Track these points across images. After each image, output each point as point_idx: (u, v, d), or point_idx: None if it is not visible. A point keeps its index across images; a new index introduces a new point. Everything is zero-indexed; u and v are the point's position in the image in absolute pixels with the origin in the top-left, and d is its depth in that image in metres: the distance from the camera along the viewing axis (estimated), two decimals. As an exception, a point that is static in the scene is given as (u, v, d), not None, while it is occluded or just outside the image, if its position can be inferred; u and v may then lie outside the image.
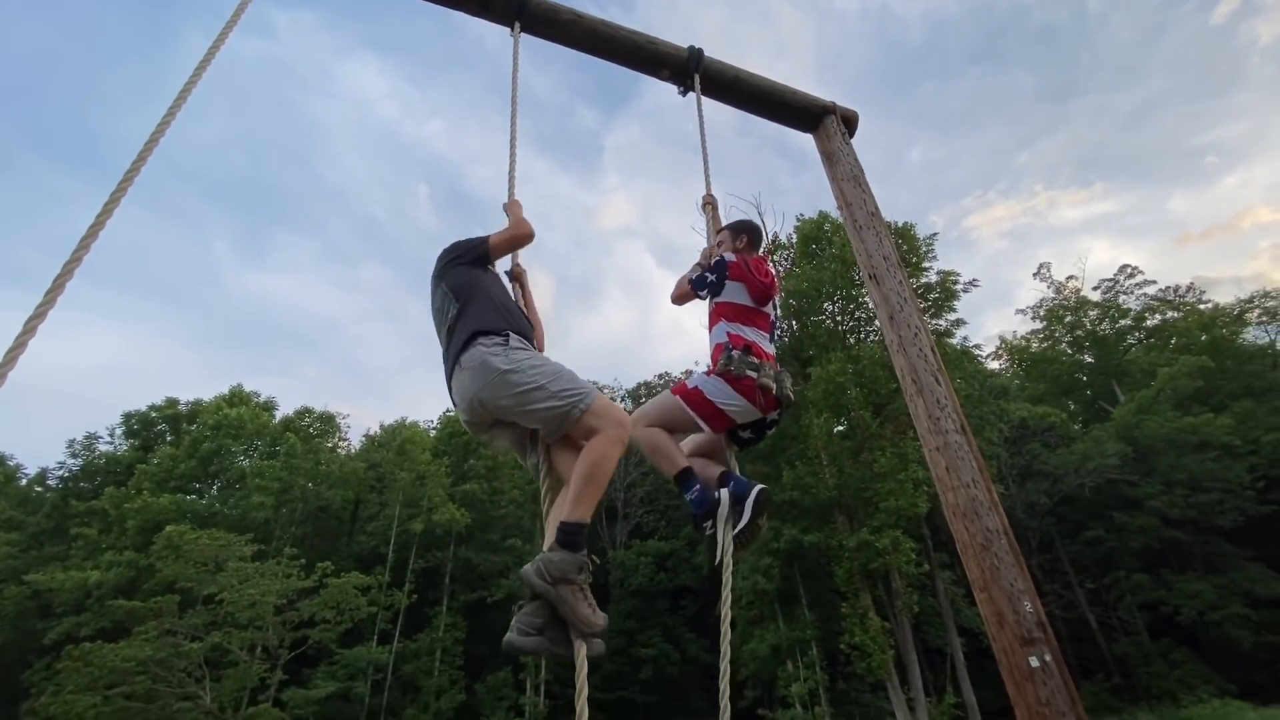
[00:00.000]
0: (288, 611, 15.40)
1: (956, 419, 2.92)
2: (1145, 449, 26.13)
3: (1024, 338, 39.04)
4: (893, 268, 3.41)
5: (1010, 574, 2.57)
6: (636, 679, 25.04)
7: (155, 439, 31.21)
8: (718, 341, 2.83)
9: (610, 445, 2.07)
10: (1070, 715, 2.33)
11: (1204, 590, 22.40)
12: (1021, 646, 2.45)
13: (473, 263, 2.55)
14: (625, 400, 46.52)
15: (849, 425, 21.60)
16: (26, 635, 22.59)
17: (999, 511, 2.73)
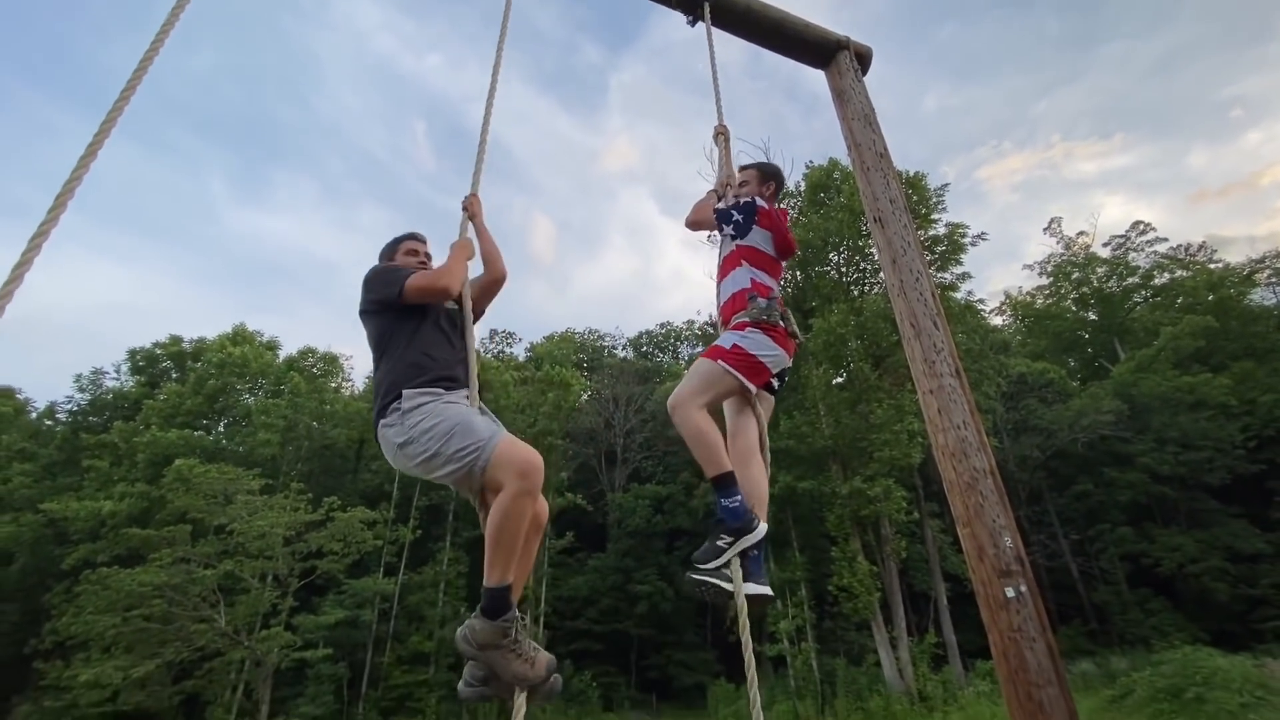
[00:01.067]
0: (296, 543, 15.96)
1: (952, 363, 2.96)
2: (1141, 407, 26.37)
3: (1029, 294, 38.81)
4: (899, 211, 3.38)
5: (994, 511, 2.66)
6: (632, 613, 26.10)
7: (161, 376, 31.53)
8: (740, 287, 2.66)
9: (512, 501, 1.93)
10: (1040, 641, 2.46)
11: (1185, 544, 23.05)
12: (999, 578, 2.56)
13: (383, 308, 2.33)
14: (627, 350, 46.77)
15: (848, 377, 21.76)
16: (45, 560, 23.46)
17: (987, 452, 2.80)
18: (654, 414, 34.02)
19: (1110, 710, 12.79)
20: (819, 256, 22.42)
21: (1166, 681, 12.55)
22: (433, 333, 2.32)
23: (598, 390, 36.88)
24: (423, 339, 2.28)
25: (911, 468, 19.65)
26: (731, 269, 2.74)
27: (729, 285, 2.73)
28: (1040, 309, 37.20)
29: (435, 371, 2.19)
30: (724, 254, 2.82)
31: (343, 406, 29.33)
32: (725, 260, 2.80)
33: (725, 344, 2.54)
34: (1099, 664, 17.60)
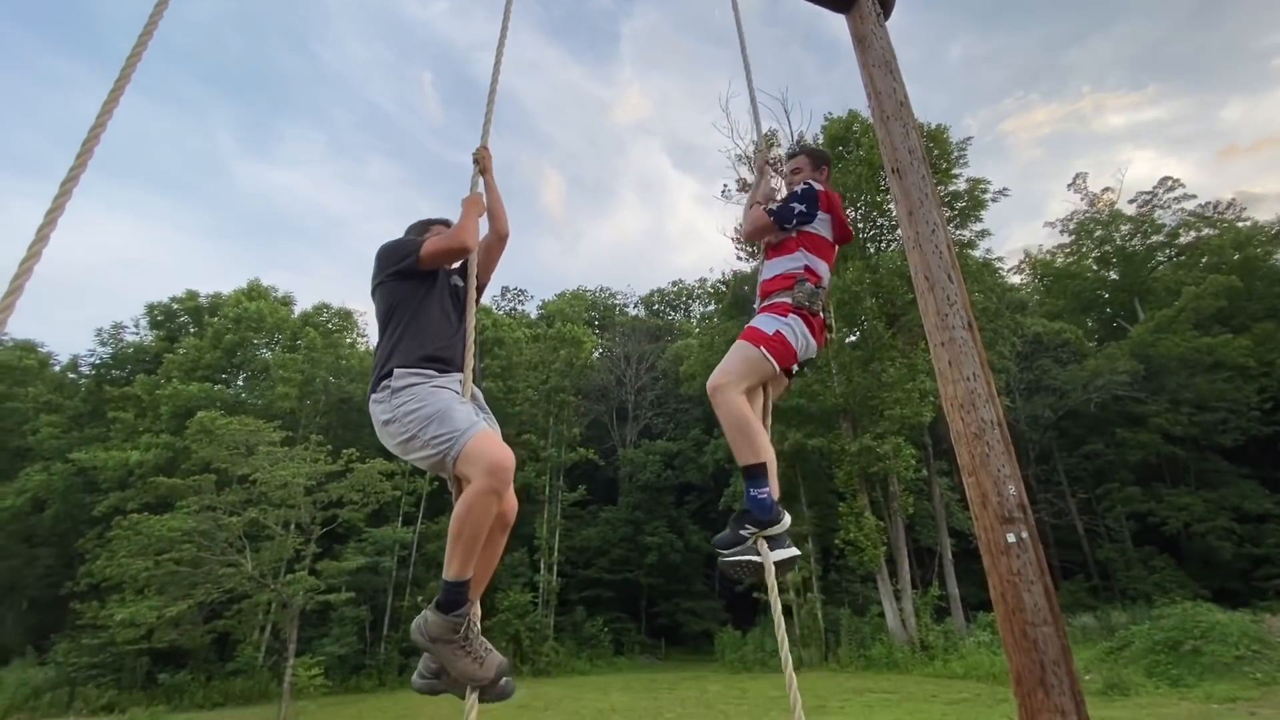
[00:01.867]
0: (317, 492, 16.44)
1: (964, 315, 2.96)
2: (1157, 367, 26.13)
3: (1049, 252, 38.01)
4: (917, 162, 3.33)
5: (999, 460, 2.71)
6: (643, 563, 26.86)
7: (179, 330, 32.03)
8: (790, 270, 2.59)
9: (477, 497, 1.91)
10: (1038, 584, 2.54)
11: (1193, 504, 23.16)
12: (1001, 524, 2.63)
13: (398, 277, 2.34)
14: (639, 308, 46.65)
15: (861, 335, 21.66)
16: (76, 508, 24.44)
17: (995, 405, 2.84)
18: (665, 372, 34.19)
19: (1107, 661, 13.12)
20: (835, 212, 22.05)
21: (1165, 635, 12.81)
22: (436, 310, 2.32)
23: (609, 348, 37.02)
24: (425, 315, 2.29)
25: (922, 426, 19.74)
26: (784, 252, 2.67)
27: (781, 264, 2.65)
28: (1060, 268, 36.47)
29: (431, 350, 2.20)
30: (779, 240, 2.73)
31: (358, 361, 29.72)
32: (779, 244, 2.71)
33: (767, 329, 2.49)
34: (1099, 618, 17.96)
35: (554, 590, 24.82)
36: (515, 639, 21.84)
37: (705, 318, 39.77)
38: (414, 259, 2.33)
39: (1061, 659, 2.45)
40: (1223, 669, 11.36)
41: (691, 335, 35.45)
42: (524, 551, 25.72)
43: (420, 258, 2.32)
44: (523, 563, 25.29)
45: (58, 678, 18.75)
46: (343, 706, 16.17)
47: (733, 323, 24.26)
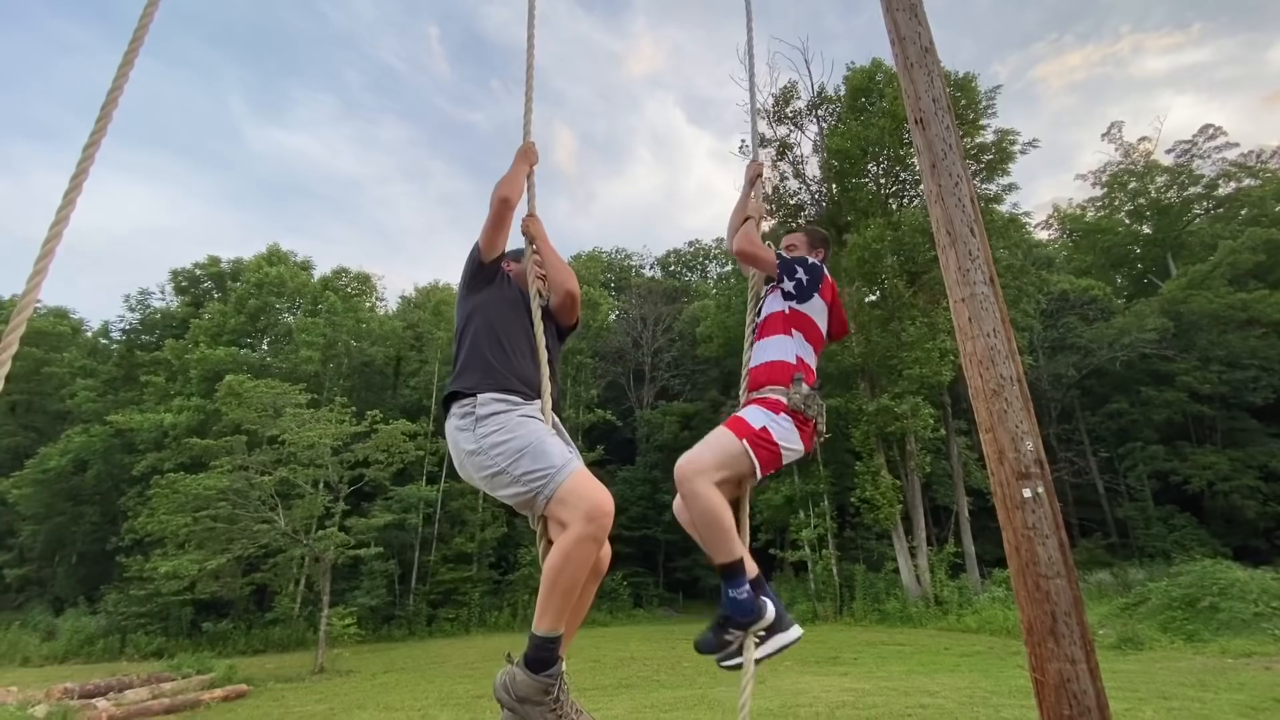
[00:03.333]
0: (344, 452, 16.90)
1: (986, 270, 2.92)
2: (1188, 325, 25.47)
3: (1079, 206, 36.77)
4: (941, 111, 3.23)
5: (1017, 417, 2.71)
6: (660, 521, 27.40)
7: (203, 296, 32.59)
8: (783, 359, 2.38)
9: (575, 545, 1.76)
10: (1053, 538, 2.57)
11: (1218, 462, 22.87)
12: (1017, 480, 2.64)
13: (473, 285, 2.26)
14: (655, 269, 46.25)
15: (881, 294, 21.35)
16: (117, 468, 25.44)
17: (1015, 360, 2.82)
18: (681, 333, 34.14)
19: (1121, 616, 13.22)
20: (857, 168, 21.45)
21: (1182, 591, 12.83)
22: (519, 327, 2.20)
23: (625, 310, 36.96)
24: (508, 332, 2.16)
25: (941, 385, 19.58)
26: (777, 332, 2.44)
27: (771, 349, 2.42)
28: (1090, 222, 35.30)
29: (514, 373, 2.07)
30: (769, 309, 2.50)
31: (378, 325, 30.09)
32: (771, 319, 2.48)
33: (754, 422, 2.25)
34: (1115, 575, 18.02)
35: (572, 544, 25.46)
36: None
37: (722, 278, 39.37)
38: (478, 255, 2.24)
39: (1073, 610, 2.49)
40: (1240, 625, 11.38)
41: (708, 296, 35.20)
42: (545, 509, 26.36)
43: (481, 247, 2.23)
44: (543, 520, 25.96)
45: (109, 626, 19.87)
46: (375, 654, 16.98)
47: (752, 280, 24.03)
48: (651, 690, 9.22)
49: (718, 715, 7.00)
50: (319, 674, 13.35)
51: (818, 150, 22.92)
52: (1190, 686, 7.43)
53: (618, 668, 11.81)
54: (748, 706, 2.08)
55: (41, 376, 29.05)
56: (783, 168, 23.28)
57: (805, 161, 23.14)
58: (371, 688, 11.04)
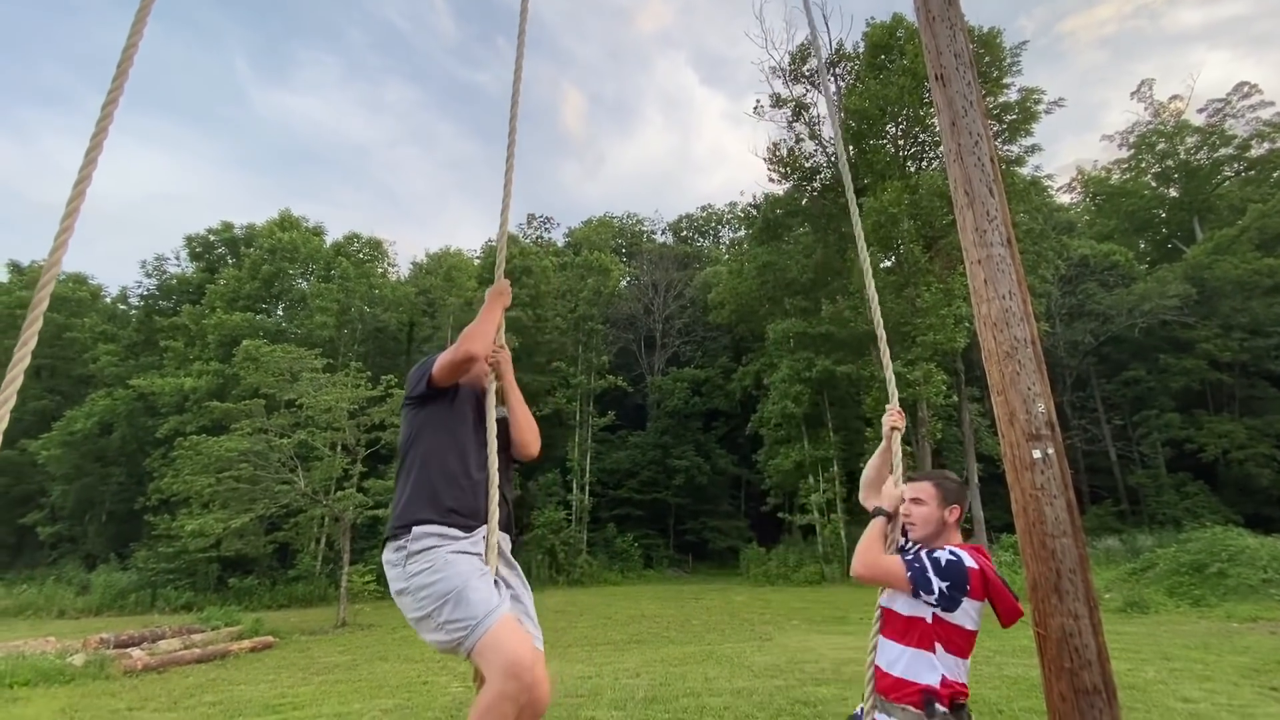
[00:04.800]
0: (360, 416, 17.19)
1: (1003, 232, 2.88)
2: (1211, 291, 24.95)
3: (1104, 168, 35.71)
4: (963, 68, 3.14)
5: (1030, 379, 2.71)
6: (670, 484, 27.79)
7: (217, 261, 32.82)
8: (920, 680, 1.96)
9: (493, 701, 1.68)
10: (1060, 498, 2.59)
11: (1235, 430, 22.67)
12: (1027, 441, 2.66)
13: (422, 399, 2.13)
14: (666, 234, 45.79)
15: (896, 260, 21.07)
16: (141, 430, 26.10)
17: (1030, 323, 2.80)
18: (693, 300, 33.97)
19: (1128, 581, 13.34)
20: (875, 128, 20.94)
21: (1191, 557, 12.89)
22: (464, 446, 2.05)
23: (637, 276, 36.77)
24: (451, 453, 2.03)
25: (955, 352, 19.45)
26: (916, 644, 2.01)
27: (909, 663, 2.00)
28: (1115, 185, 34.32)
29: (454, 501, 1.97)
30: (907, 609, 2.06)
31: (390, 291, 30.21)
32: (912, 626, 2.03)
33: None
34: (1125, 541, 18.10)
35: (586, 508, 25.99)
36: (550, 552, 23.15)
37: (735, 243, 38.96)
38: (428, 381, 2.08)
39: (1078, 568, 2.53)
40: (1247, 591, 11.46)
41: (720, 262, 34.89)
42: (557, 473, 26.81)
43: (434, 376, 2.07)
44: (556, 483, 26.43)
45: (140, 581, 20.66)
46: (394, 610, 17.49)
47: (763, 248, 23.76)
48: (661, 646, 9.50)
49: (725, 669, 7.22)
50: (341, 628, 13.87)
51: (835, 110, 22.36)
52: (1194, 649, 7.54)
53: (628, 624, 12.15)
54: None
55: (64, 341, 29.63)
56: (798, 128, 22.77)
57: (821, 122, 22.60)
58: (392, 641, 11.46)
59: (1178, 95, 34.15)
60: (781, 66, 22.59)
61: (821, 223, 22.93)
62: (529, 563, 23.16)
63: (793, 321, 21.39)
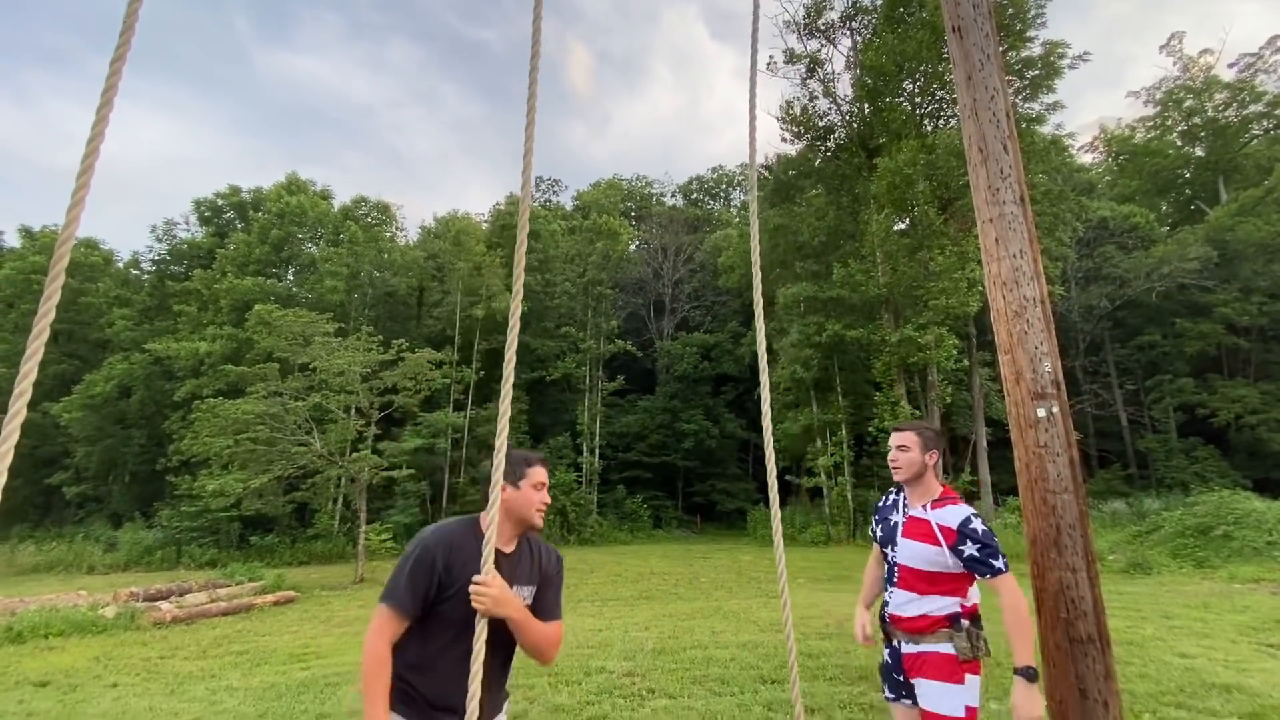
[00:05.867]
0: (373, 380, 17.43)
1: (1017, 189, 2.85)
2: (1233, 254, 24.42)
3: (1129, 126, 34.60)
4: (981, 19, 3.05)
5: (1038, 338, 2.71)
6: (679, 448, 28.09)
7: (227, 226, 32.82)
8: (946, 612, 2.24)
9: None
10: (1064, 456, 2.63)
11: (1249, 395, 22.48)
12: (1032, 400, 2.68)
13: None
14: (676, 197, 45.12)
15: (911, 222, 20.73)
16: (159, 393, 26.59)
17: (1040, 281, 2.79)
18: (703, 264, 33.70)
19: (1132, 543, 13.46)
20: (892, 85, 20.33)
21: (1196, 520, 12.95)
22: (452, 631, 1.71)
23: (646, 240, 36.44)
24: (432, 637, 1.72)
25: (967, 316, 19.28)
26: (948, 592, 2.27)
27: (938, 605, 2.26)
28: (1139, 144, 33.31)
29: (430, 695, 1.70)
30: (940, 569, 2.27)
31: (400, 255, 30.18)
32: (942, 578, 2.26)
33: (959, 710, 2.15)
34: (1131, 504, 18.18)
35: (596, 470, 26.40)
36: (562, 513, 23.65)
37: (746, 206, 38.39)
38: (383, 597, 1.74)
39: (1078, 524, 2.58)
40: (1251, 553, 11.53)
41: (731, 225, 34.47)
42: (567, 436, 27.17)
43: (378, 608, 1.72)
44: (566, 446, 26.81)
45: (165, 538, 21.34)
46: (411, 567, 18.07)
47: (775, 211, 23.42)
48: (670, 602, 9.77)
49: (731, 624, 7.43)
50: (359, 583, 14.33)
51: (850, 67, 21.70)
52: (1194, 608, 7.66)
53: (638, 581, 12.47)
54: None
55: (80, 306, 29.97)
56: (812, 86, 22.17)
57: (836, 79, 21.99)
58: (409, 596, 11.82)
59: (1208, 49, 32.90)
60: (796, 20, 21.88)
61: (834, 184, 22.51)
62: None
63: (803, 285, 21.22)
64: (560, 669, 5.45)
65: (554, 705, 4.46)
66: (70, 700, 5.39)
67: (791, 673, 1.95)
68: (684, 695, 4.62)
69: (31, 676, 6.36)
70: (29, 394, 1.06)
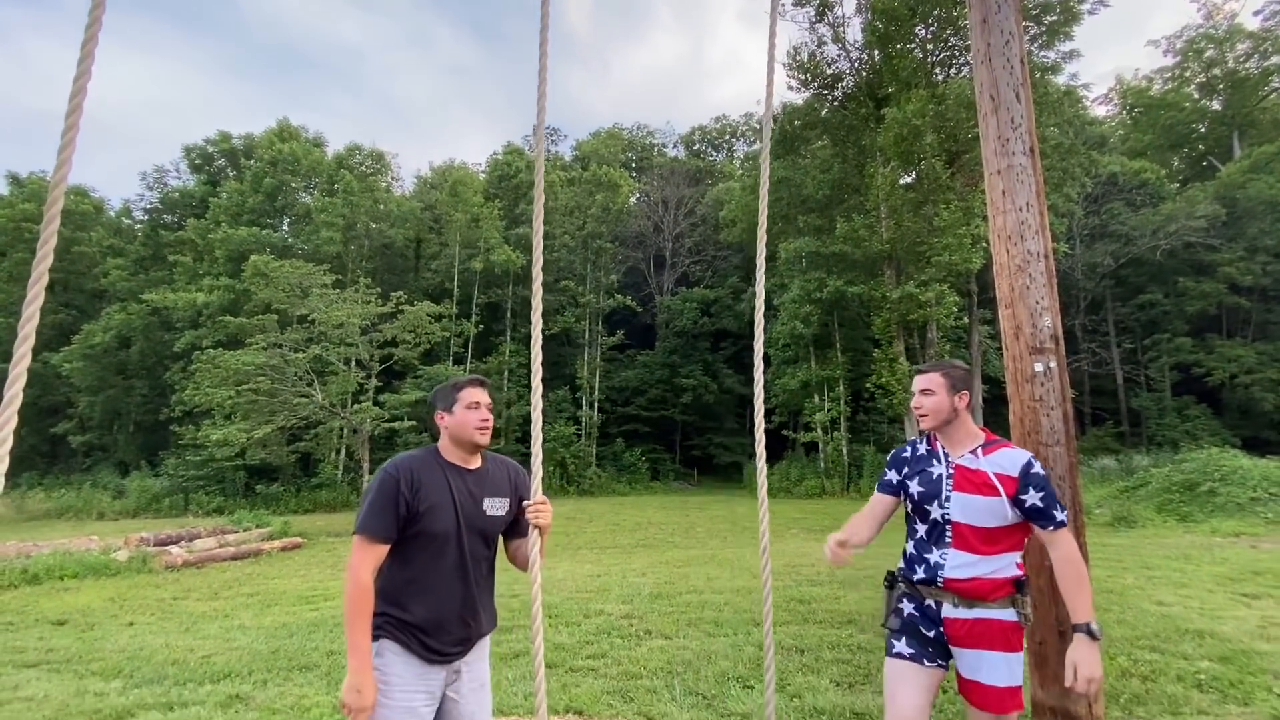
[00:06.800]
0: (372, 332, 17.47)
1: (1027, 140, 2.79)
2: (1241, 212, 24.11)
3: (1146, 77, 33.60)
4: (999, -43, 2.94)
5: (1039, 292, 2.71)
6: (678, 403, 28.36)
7: (219, 174, 32.18)
8: (1009, 574, 1.98)
9: None
10: (1058, 410, 2.67)
11: (1245, 355, 22.58)
12: (1030, 354, 2.70)
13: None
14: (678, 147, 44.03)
15: (917, 176, 20.33)
16: (159, 345, 26.61)
17: (1045, 236, 2.77)
18: (704, 217, 33.21)
19: (1119, 498, 13.75)
20: (903, 31, 19.58)
21: (1184, 477, 13.18)
22: (429, 550, 1.76)
23: (647, 192, 35.81)
24: (411, 560, 1.76)
25: (970, 273, 19.14)
26: (1009, 549, 2.00)
27: (1001, 565, 1.98)
28: (1155, 96, 32.41)
29: (421, 616, 1.73)
30: (1001, 524, 1.98)
31: (396, 206, 29.71)
32: (1003, 534, 1.99)
33: (1012, 684, 1.94)
34: (1121, 461, 18.49)
35: (595, 424, 26.71)
36: (561, 464, 24.06)
37: (750, 157, 37.60)
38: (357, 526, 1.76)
39: (1068, 474, 2.64)
40: (1234, 508, 11.77)
41: (734, 178, 33.81)
42: (567, 390, 27.37)
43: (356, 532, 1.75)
44: (566, 399, 27.04)
45: (172, 486, 21.75)
46: (414, 516, 18.47)
47: (779, 163, 22.93)
48: (666, 550, 10.04)
49: (726, 571, 7.66)
50: (364, 530, 14.66)
51: (861, 10, 20.87)
52: (1174, 559, 7.88)
53: (635, 530, 12.79)
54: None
55: (73, 255, 29.66)
56: (821, 30, 21.38)
57: (846, 23, 21.19)
58: (413, 542, 12.14)
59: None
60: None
61: (841, 135, 21.96)
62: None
63: (806, 240, 20.97)
64: (560, 611, 5.65)
65: (555, 644, 4.65)
66: (89, 637, 5.60)
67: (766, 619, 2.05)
68: (679, 636, 4.81)
69: (49, 615, 6.59)
70: (32, 339, 1.07)
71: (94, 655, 4.87)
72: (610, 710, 3.42)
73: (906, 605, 2.09)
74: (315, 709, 3.50)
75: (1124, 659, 4.03)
